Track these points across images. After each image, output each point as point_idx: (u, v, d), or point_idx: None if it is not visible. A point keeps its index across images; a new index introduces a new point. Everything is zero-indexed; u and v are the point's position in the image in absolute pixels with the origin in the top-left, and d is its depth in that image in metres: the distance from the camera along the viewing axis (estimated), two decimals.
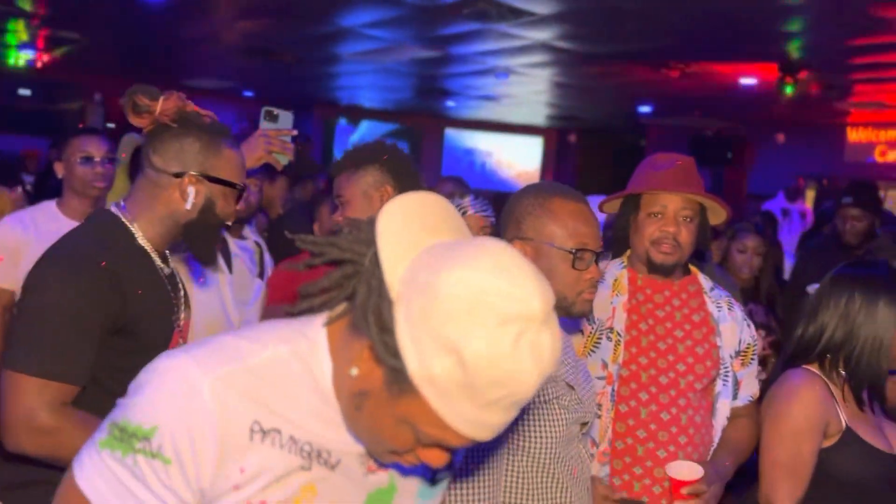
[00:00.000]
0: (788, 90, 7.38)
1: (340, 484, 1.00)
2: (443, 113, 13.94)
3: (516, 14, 6.41)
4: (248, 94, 12.98)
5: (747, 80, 8.61)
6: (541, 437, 1.50)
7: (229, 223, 1.72)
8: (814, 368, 1.84)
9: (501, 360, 0.83)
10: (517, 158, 15.48)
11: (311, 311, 0.99)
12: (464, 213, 2.74)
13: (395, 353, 0.86)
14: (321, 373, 0.98)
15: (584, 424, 1.60)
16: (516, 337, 0.84)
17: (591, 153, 14.71)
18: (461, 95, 11.83)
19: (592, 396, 1.68)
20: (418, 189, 1.87)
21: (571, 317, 1.65)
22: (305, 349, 0.99)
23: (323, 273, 0.97)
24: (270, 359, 0.98)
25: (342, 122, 14.35)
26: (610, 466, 1.89)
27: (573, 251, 1.55)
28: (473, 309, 0.83)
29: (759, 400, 1.98)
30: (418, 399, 0.86)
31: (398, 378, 0.87)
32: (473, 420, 0.86)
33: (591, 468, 1.89)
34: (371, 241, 0.92)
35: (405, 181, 1.91)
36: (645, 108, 11.90)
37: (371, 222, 0.94)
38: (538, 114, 13.48)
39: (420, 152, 14.62)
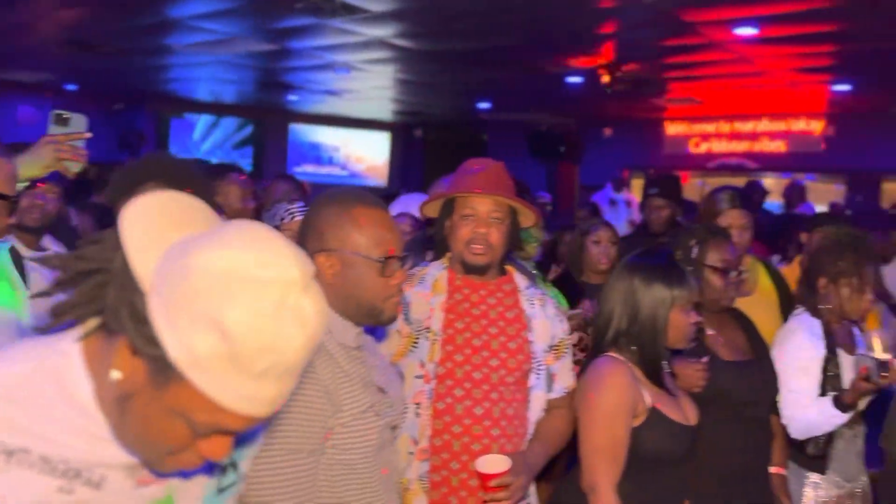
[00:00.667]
0: (609, 87, 7.89)
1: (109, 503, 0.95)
2: (286, 107, 13.65)
3: (350, 10, 6.41)
4: (71, 87, 12.07)
5: (574, 79, 9.12)
6: (357, 448, 1.51)
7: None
8: (617, 354, 1.98)
9: (265, 325, 0.82)
10: (365, 153, 15.48)
11: (63, 327, 0.95)
12: (292, 218, 2.71)
13: (153, 341, 0.84)
14: (76, 387, 0.94)
15: (394, 428, 1.64)
16: (277, 302, 0.83)
17: (436, 148, 14.98)
18: (304, 90, 11.65)
19: (402, 398, 1.73)
20: (209, 195, 1.82)
21: (381, 324, 1.67)
22: (58, 364, 0.95)
23: None
24: (18, 375, 0.93)
25: (181, 116, 13.68)
26: (429, 463, 1.95)
27: (381, 259, 1.56)
28: (230, 280, 0.83)
29: None
30: (186, 385, 0.84)
31: (161, 367, 0.84)
32: (247, 395, 0.84)
33: (413, 466, 1.95)
34: (118, 245, 0.89)
35: (189, 188, 1.84)
36: (484, 104, 12.27)
37: (114, 228, 0.91)
38: (384, 109, 13.53)
39: (264, 147, 14.24)
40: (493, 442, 1.92)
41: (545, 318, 2.07)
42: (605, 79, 7.80)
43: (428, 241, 2.68)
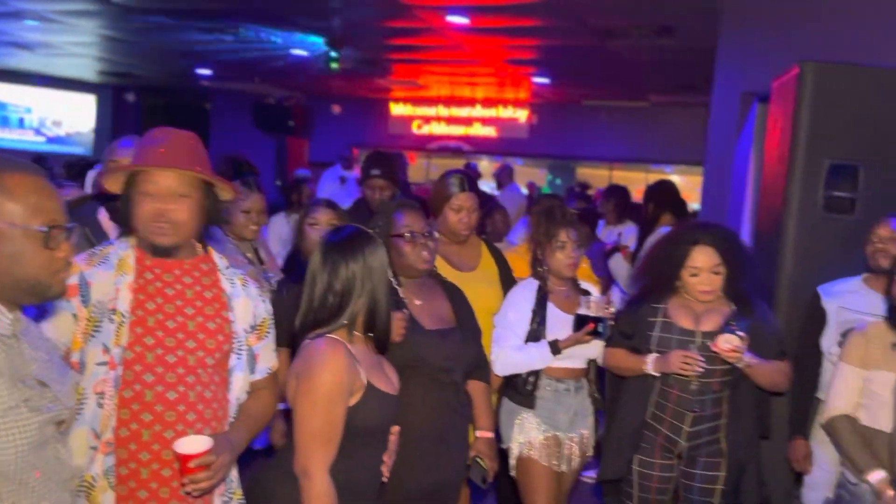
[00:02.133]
0: (333, 64, 7.86)
1: None
2: None
3: None
4: None
5: (299, 52, 8.94)
6: (6, 448, 1.32)
7: None
8: (333, 334, 1.94)
9: None
10: (66, 116, 13.77)
11: None
12: None
13: None
14: None
15: (60, 423, 1.45)
16: None
17: (153, 114, 13.79)
18: None
19: (71, 390, 1.54)
20: None
21: (49, 299, 1.49)
22: None
23: None
24: None
25: None
26: (115, 457, 1.77)
27: (43, 229, 1.38)
28: None
29: None
30: None
31: None
32: None
33: (97, 461, 1.76)
34: None
35: None
36: (204, 71, 11.58)
37: None
38: (87, 68, 12.13)
39: None
40: (189, 427, 1.80)
41: (247, 298, 1.98)
42: (331, 55, 7.75)
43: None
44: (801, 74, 3.11)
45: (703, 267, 2.63)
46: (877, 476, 2.40)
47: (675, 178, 11.63)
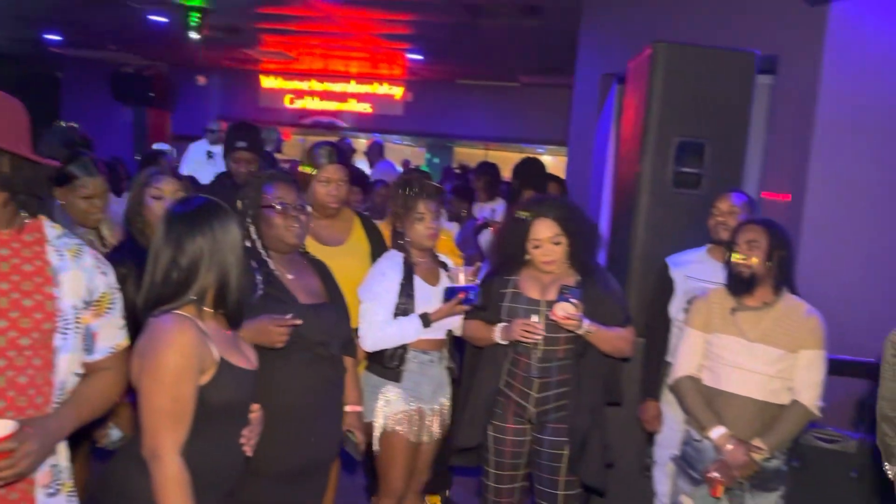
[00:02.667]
0: (193, 32, 7.46)
1: None
2: None
3: None
4: None
5: (157, 17, 8.43)
6: None
7: None
8: (181, 311, 1.85)
9: None
10: None
11: None
12: None
13: None
14: None
15: None
16: None
17: None
18: None
19: None
20: None
21: None
22: None
23: None
24: None
25: None
26: None
27: None
28: None
29: None
30: None
31: None
32: None
33: None
34: None
35: None
36: (53, 37, 10.70)
37: None
38: None
39: None
40: None
41: (78, 271, 1.79)
42: (192, 22, 7.33)
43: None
44: (653, 55, 3.26)
45: (543, 238, 2.72)
46: (717, 432, 2.59)
47: (547, 159, 12.00)
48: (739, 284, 2.63)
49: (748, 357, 2.59)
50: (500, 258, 2.89)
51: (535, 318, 2.66)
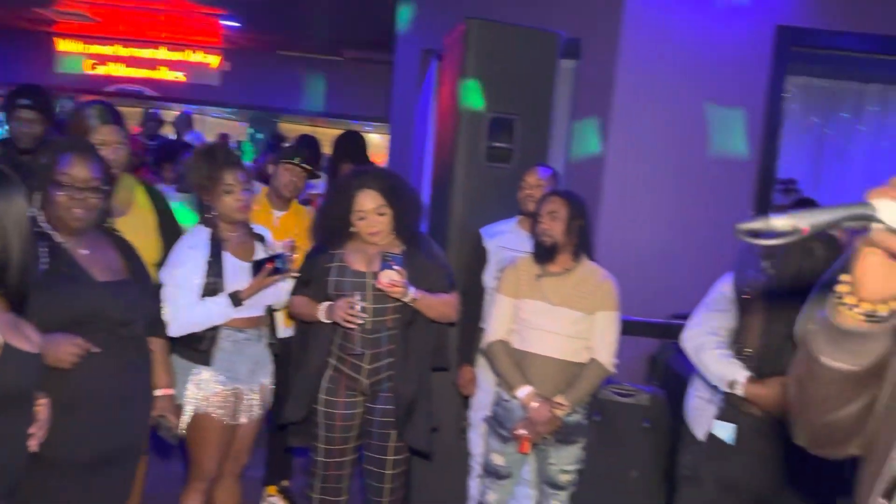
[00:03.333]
0: None
1: None
2: None
3: None
4: None
5: None
6: None
7: None
8: None
9: None
10: None
11: None
12: None
13: None
14: None
15: None
16: None
17: None
18: None
19: None
20: None
21: None
22: None
23: None
24: None
25: None
26: None
27: None
28: None
29: None
30: None
31: None
32: None
33: None
34: None
35: None
36: None
37: None
38: None
39: None
40: None
41: None
42: None
43: None
44: (467, 31, 3.34)
45: (368, 209, 2.71)
46: (523, 391, 2.74)
47: (374, 137, 11.98)
48: (543, 252, 2.79)
49: (551, 320, 2.76)
50: (325, 232, 2.84)
51: (358, 297, 2.65)
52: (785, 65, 4.10)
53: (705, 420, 2.55)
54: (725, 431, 2.50)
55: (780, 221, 0.88)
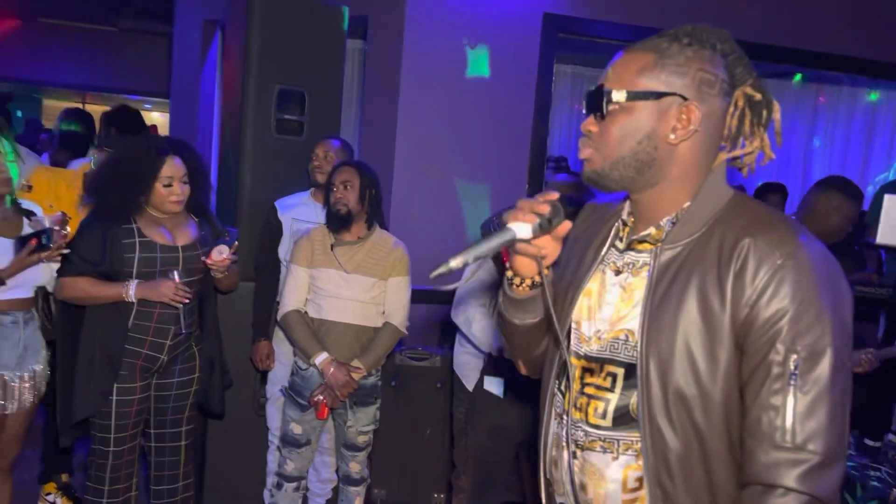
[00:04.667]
0: None
1: None
2: None
3: None
4: None
5: None
6: None
7: None
8: None
9: None
10: None
11: None
12: None
13: None
14: None
15: None
16: None
17: None
18: None
19: None
20: None
21: None
22: None
23: None
24: None
25: None
26: None
27: None
28: None
29: None
30: None
31: None
32: None
33: None
34: None
35: None
36: None
37: None
38: None
39: None
40: None
41: None
42: None
43: None
44: (251, 2, 3.28)
45: (175, 176, 2.61)
46: (320, 357, 2.80)
47: (155, 116, 11.23)
48: (337, 221, 2.85)
49: (346, 287, 2.84)
50: (112, 203, 2.61)
51: (175, 275, 2.55)
52: (553, 50, 4.48)
53: (473, 375, 2.79)
54: (495, 386, 2.76)
55: (454, 261, 1.12)
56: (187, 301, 2.59)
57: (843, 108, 6.55)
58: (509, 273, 1.32)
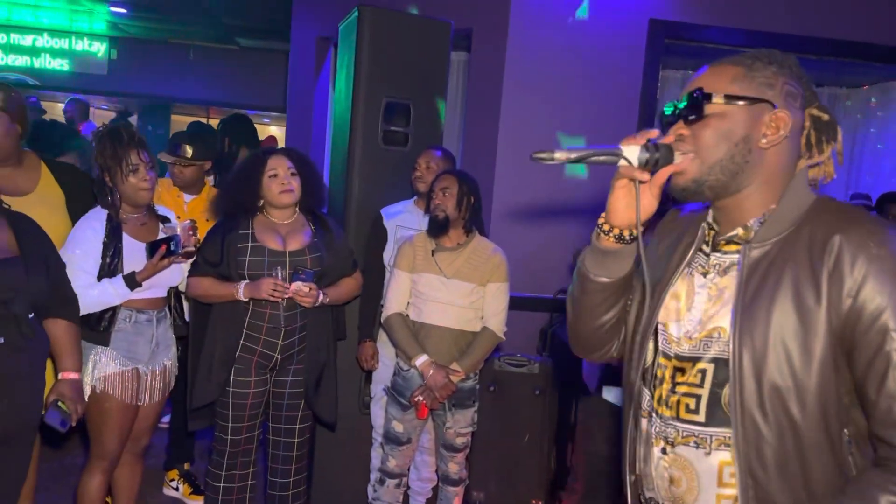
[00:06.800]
0: None
1: None
2: None
3: None
4: None
5: None
6: None
7: None
8: None
9: None
10: None
11: None
12: None
13: None
14: None
15: None
16: None
17: None
18: None
19: None
20: None
21: None
22: None
23: None
24: None
25: None
26: None
27: None
28: None
29: None
30: None
31: None
32: None
33: None
34: None
35: None
36: None
37: None
38: None
39: None
40: None
41: None
42: None
43: None
44: (360, 18, 3.45)
45: (279, 167, 2.82)
46: (421, 360, 2.89)
47: (274, 130, 11.81)
48: (436, 227, 2.94)
49: (445, 292, 2.93)
50: (231, 206, 2.86)
51: (278, 275, 2.72)
52: (658, 56, 4.42)
53: (595, 380, 2.78)
54: (613, 395, 2.75)
55: (559, 154, 1.24)
56: (287, 297, 2.72)
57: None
58: (601, 219, 1.33)
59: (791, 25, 4.43)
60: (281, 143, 8.20)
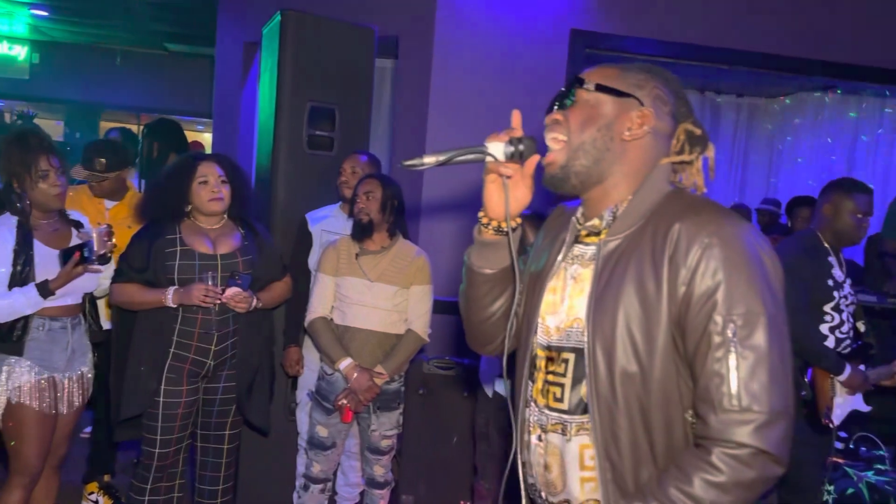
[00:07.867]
0: None
1: None
2: None
3: None
4: None
5: None
6: None
7: None
8: None
9: None
10: None
11: None
12: None
13: None
14: None
15: None
16: None
17: None
18: None
19: None
20: None
21: None
22: None
23: None
24: None
25: None
26: None
27: None
28: None
29: None
30: None
31: None
32: None
33: None
34: None
35: None
36: None
37: None
38: None
39: None
40: None
41: None
42: None
43: None
44: (283, 22, 3.44)
45: (210, 174, 2.79)
46: (345, 363, 2.90)
47: (207, 136, 11.58)
48: (360, 230, 2.96)
49: (369, 295, 2.94)
50: (158, 211, 2.81)
51: (210, 280, 2.69)
52: (579, 65, 4.54)
53: (493, 379, 2.84)
54: (504, 388, 2.79)
55: (427, 158, 1.33)
56: (218, 302, 2.70)
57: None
58: (480, 213, 1.42)
59: (708, 37, 4.62)
60: (208, 149, 8.08)
